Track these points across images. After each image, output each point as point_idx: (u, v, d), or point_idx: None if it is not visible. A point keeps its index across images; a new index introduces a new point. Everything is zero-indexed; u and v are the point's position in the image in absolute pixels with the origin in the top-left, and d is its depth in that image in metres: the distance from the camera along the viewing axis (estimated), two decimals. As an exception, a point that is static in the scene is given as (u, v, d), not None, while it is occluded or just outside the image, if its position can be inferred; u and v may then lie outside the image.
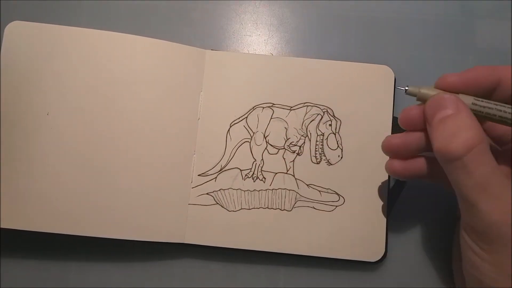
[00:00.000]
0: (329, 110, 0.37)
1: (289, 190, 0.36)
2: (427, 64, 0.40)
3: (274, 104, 0.37)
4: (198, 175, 0.36)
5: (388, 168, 0.31)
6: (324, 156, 0.36)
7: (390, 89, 0.37)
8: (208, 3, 0.40)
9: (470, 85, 0.28)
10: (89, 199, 0.34)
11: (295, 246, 0.35)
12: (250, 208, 0.36)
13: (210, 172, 0.36)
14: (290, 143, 0.37)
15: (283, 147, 0.37)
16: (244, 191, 0.36)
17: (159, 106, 0.36)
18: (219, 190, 0.36)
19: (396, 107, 0.37)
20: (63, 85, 0.36)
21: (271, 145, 0.37)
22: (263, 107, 0.37)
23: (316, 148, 0.36)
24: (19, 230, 0.34)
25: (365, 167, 0.36)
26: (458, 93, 0.29)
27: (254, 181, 0.36)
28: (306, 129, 0.37)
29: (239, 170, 0.36)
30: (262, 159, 0.36)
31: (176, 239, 0.35)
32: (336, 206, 0.36)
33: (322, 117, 0.37)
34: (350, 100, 0.37)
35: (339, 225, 0.35)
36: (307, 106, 0.37)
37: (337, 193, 0.36)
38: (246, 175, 0.36)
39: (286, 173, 0.36)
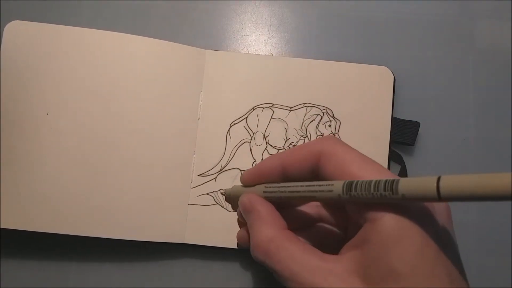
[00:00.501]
0: (328, 111, 0.37)
1: (289, 190, 0.36)
2: (427, 64, 0.40)
3: (274, 105, 0.37)
4: (198, 175, 0.36)
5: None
6: (324, 156, 0.36)
7: (390, 90, 0.37)
8: (208, 3, 0.40)
9: (264, 174, 0.31)
10: (89, 199, 0.35)
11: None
12: (250, 208, 0.36)
13: (210, 172, 0.36)
14: (290, 144, 0.37)
15: (283, 148, 0.37)
16: (244, 191, 0.36)
17: (159, 106, 0.36)
18: (219, 190, 0.36)
19: (395, 108, 0.37)
20: (63, 85, 0.36)
21: (271, 145, 0.37)
22: (263, 108, 0.37)
23: (316, 149, 0.36)
24: (19, 230, 0.34)
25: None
26: (255, 185, 0.31)
27: (254, 182, 0.36)
28: (306, 129, 0.37)
29: (239, 170, 0.36)
30: (262, 159, 0.36)
31: (176, 239, 0.35)
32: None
33: (321, 118, 0.37)
34: (350, 101, 0.37)
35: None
36: (307, 106, 0.37)
37: (336, 194, 0.36)
38: (246, 175, 0.36)
39: (286, 173, 0.36)
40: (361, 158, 0.26)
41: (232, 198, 0.35)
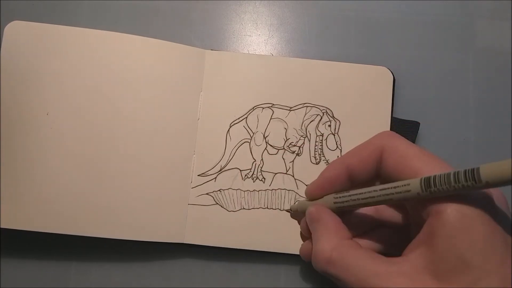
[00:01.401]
0: (328, 111, 0.37)
1: (289, 190, 0.36)
2: (427, 64, 0.40)
3: (273, 105, 0.37)
4: (198, 175, 0.36)
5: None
6: (324, 156, 0.36)
7: (389, 90, 0.37)
8: (208, 3, 0.40)
9: (330, 185, 0.30)
10: (89, 199, 0.35)
11: (295, 246, 0.35)
12: (249, 208, 0.36)
13: (210, 172, 0.36)
14: (290, 144, 0.37)
15: (282, 148, 0.37)
16: (244, 191, 0.36)
17: (159, 106, 0.36)
18: (219, 190, 0.36)
19: (395, 108, 0.37)
20: (63, 85, 0.36)
21: (271, 145, 0.37)
22: (263, 108, 0.37)
23: (315, 149, 0.36)
24: (19, 230, 0.34)
25: (365, 168, 0.36)
26: (323, 196, 0.31)
27: (253, 181, 0.36)
28: (306, 129, 0.37)
29: (238, 170, 0.36)
30: (262, 159, 0.36)
31: (176, 239, 0.35)
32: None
33: (321, 118, 0.37)
34: (350, 101, 0.37)
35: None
36: (307, 106, 0.37)
37: (336, 194, 0.36)
38: (245, 175, 0.36)
39: (286, 173, 0.36)
40: (422, 152, 0.26)
41: (298, 214, 0.34)
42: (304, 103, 0.37)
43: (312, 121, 0.37)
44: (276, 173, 0.36)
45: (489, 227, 0.23)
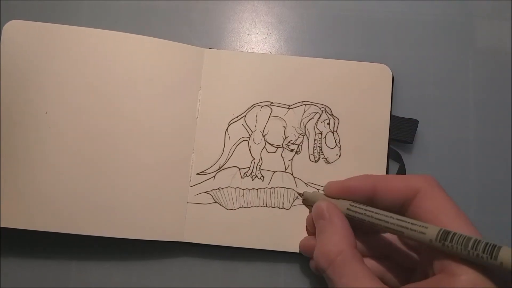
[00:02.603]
0: (327, 109, 0.37)
1: (288, 188, 0.36)
2: (426, 63, 0.40)
3: (272, 103, 0.37)
4: (197, 173, 0.36)
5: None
6: (322, 154, 0.36)
7: (388, 88, 0.37)
8: (207, 2, 0.40)
9: (350, 191, 0.31)
10: (88, 198, 0.35)
11: (294, 244, 0.35)
12: (248, 206, 0.36)
13: (208, 171, 0.36)
14: (289, 142, 0.37)
15: (281, 146, 0.37)
16: (243, 189, 0.36)
17: (158, 105, 0.36)
18: (218, 188, 0.36)
19: (394, 106, 0.37)
20: (62, 84, 0.36)
21: (270, 143, 0.37)
22: (262, 106, 0.37)
23: (314, 147, 0.36)
24: (19, 229, 0.34)
25: (363, 166, 0.36)
26: (339, 198, 0.32)
27: (252, 180, 0.36)
28: (305, 127, 0.37)
29: (237, 169, 0.36)
30: (261, 157, 0.36)
31: (175, 237, 0.35)
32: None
33: (320, 116, 0.37)
34: (348, 98, 0.37)
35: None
36: (306, 104, 0.37)
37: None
38: (244, 173, 0.36)
39: (285, 171, 0.36)
40: (456, 210, 0.27)
41: (309, 203, 0.35)
42: (303, 101, 0.37)
43: (311, 119, 0.37)
44: (275, 171, 0.36)
45: None
